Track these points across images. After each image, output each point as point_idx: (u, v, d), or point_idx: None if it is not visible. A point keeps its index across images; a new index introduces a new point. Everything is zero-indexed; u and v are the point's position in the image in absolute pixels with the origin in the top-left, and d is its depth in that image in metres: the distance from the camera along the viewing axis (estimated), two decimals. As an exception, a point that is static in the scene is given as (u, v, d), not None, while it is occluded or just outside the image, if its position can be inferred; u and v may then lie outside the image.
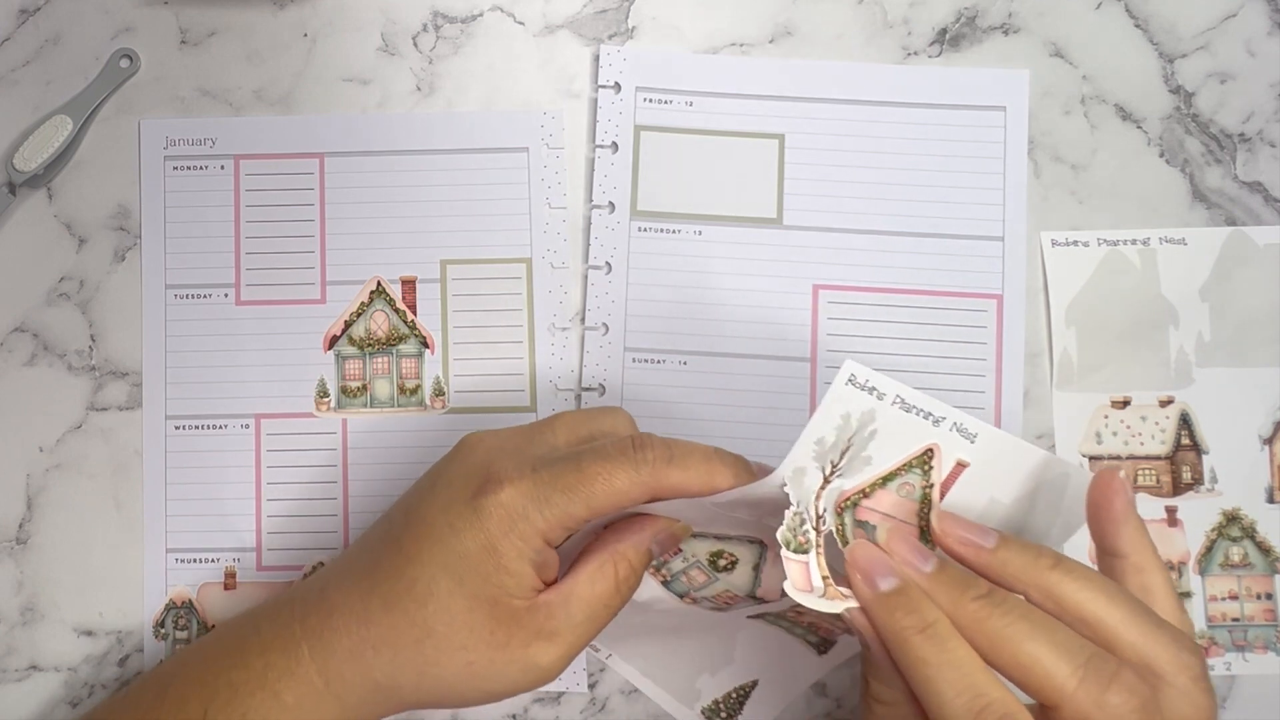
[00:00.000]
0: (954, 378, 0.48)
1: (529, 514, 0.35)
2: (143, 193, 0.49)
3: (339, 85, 0.50)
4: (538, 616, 0.36)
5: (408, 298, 0.49)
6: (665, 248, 0.49)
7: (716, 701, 0.46)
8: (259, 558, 0.48)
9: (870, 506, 0.35)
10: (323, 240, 0.49)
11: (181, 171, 0.49)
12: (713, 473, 0.36)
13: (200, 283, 0.49)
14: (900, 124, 0.49)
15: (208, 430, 0.48)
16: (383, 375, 0.48)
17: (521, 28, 0.50)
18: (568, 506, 0.35)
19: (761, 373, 0.48)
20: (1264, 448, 0.48)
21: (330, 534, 0.48)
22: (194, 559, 0.48)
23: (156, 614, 0.48)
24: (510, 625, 0.36)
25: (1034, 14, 0.50)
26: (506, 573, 0.35)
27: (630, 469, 0.35)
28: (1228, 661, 0.47)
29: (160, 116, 0.50)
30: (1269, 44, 0.50)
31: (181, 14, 0.50)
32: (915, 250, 0.49)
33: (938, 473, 0.35)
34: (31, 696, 0.47)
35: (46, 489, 0.48)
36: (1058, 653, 0.30)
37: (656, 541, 0.37)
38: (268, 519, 0.48)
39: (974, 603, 0.32)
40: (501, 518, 0.35)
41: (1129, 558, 0.34)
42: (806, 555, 0.35)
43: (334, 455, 0.48)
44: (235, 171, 0.49)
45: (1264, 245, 0.49)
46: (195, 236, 0.49)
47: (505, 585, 0.35)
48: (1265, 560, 0.48)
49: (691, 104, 0.49)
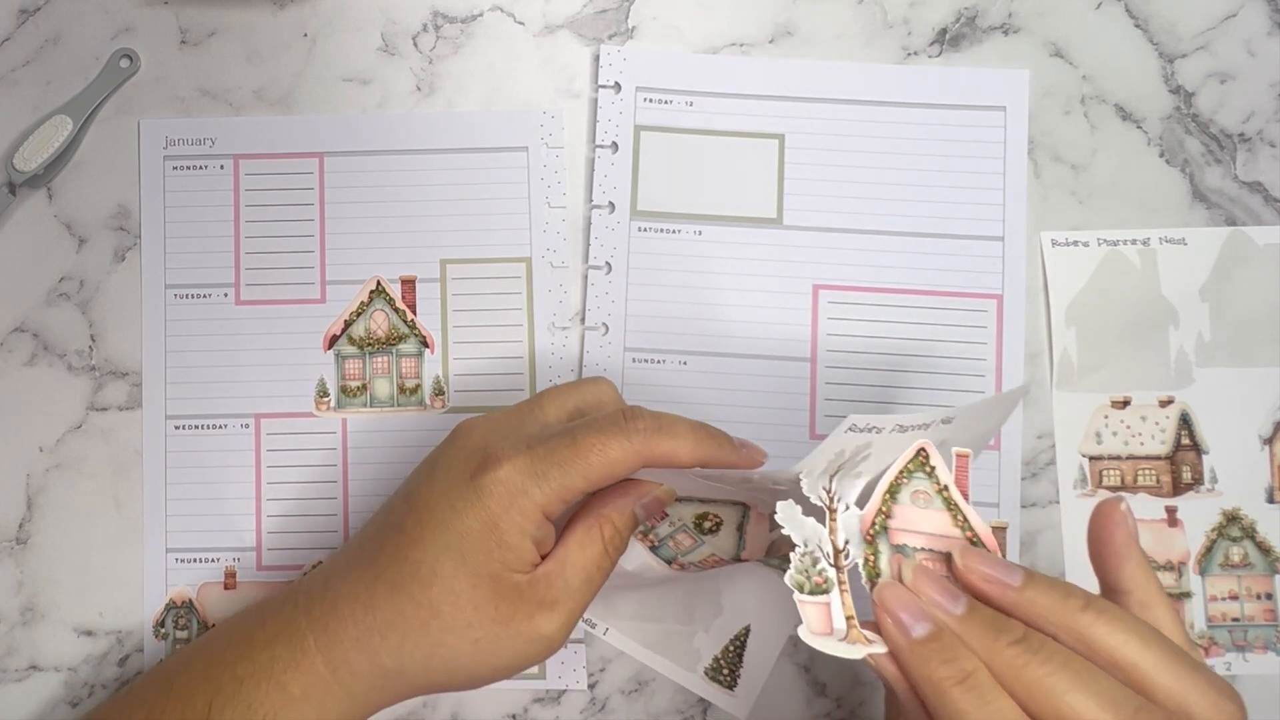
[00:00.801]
0: (954, 378, 0.48)
1: (528, 489, 0.36)
2: (142, 192, 0.49)
3: (339, 85, 0.50)
4: (538, 588, 0.37)
5: (407, 297, 0.49)
6: (665, 248, 0.49)
7: (717, 659, 0.46)
8: (259, 557, 0.48)
9: (899, 527, 0.34)
10: (322, 240, 0.49)
11: (181, 171, 0.49)
12: (699, 442, 0.37)
13: (200, 282, 0.49)
14: (900, 124, 0.49)
15: (208, 430, 0.48)
16: (383, 375, 0.48)
17: (521, 28, 0.50)
18: (565, 479, 0.36)
19: (761, 373, 0.48)
20: (1264, 448, 0.48)
21: (330, 533, 0.48)
22: (194, 559, 0.48)
23: (157, 614, 0.48)
24: (514, 600, 0.36)
25: (1034, 14, 0.50)
26: (508, 548, 0.36)
27: (623, 439, 0.36)
28: (1228, 661, 0.47)
29: (160, 116, 0.50)
30: (1269, 44, 0.50)
31: (181, 14, 0.50)
32: (915, 250, 0.49)
33: (944, 471, 0.34)
34: (31, 696, 0.47)
35: (46, 489, 0.48)
36: (1102, 705, 0.29)
37: (641, 505, 0.38)
38: (268, 519, 0.48)
39: (1010, 649, 0.30)
40: (502, 495, 0.36)
41: (1133, 594, 0.33)
42: (826, 595, 0.33)
43: (334, 455, 0.48)
44: (235, 171, 0.49)
45: (1264, 245, 0.49)
46: (195, 236, 0.49)
47: (507, 561, 0.36)
48: (1265, 560, 0.48)
49: (691, 104, 0.49)
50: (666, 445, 0.37)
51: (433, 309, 0.49)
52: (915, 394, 0.48)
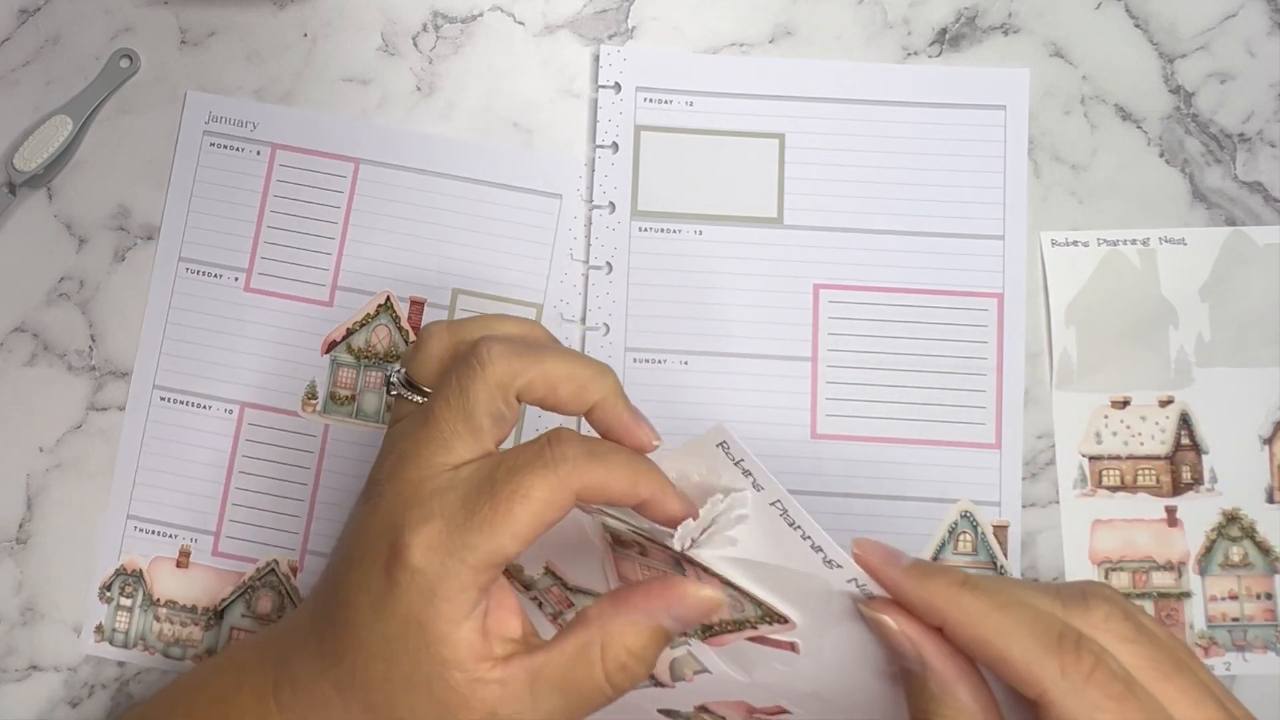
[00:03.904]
0: (954, 377, 0.48)
1: (449, 571, 0.30)
2: (176, 161, 0.49)
3: (339, 85, 0.50)
4: (489, 695, 0.30)
5: (413, 318, 0.49)
6: (666, 248, 0.49)
7: None
8: (216, 542, 0.48)
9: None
10: (342, 244, 0.49)
11: (218, 149, 0.49)
12: (638, 473, 0.31)
13: (214, 262, 0.49)
14: (900, 124, 0.49)
15: (191, 407, 0.48)
16: (374, 389, 0.48)
17: (521, 28, 0.50)
18: (490, 545, 0.30)
19: (762, 373, 0.48)
20: (1264, 448, 0.48)
21: (290, 534, 0.48)
22: (153, 530, 0.48)
23: (106, 576, 0.48)
24: (455, 707, 0.30)
25: (1034, 14, 0.50)
26: (441, 644, 0.30)
27: (546, 472, 0.30)
28: (1228, 661, 0.47)
29: (208, 91, 0.49)
30: (1269, 44, 0.50)
31: (181, 14, 0.50)
32: (915, 250, 0.49)
33: (766, 629, 0.31)
34: (31, 696, 0.47)
35: (46, 489, 0.48)
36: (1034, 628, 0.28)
37: (672, 615, 0.31)
38: (232, 506, 0.48)
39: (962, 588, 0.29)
40: (419, 588, 0.30)
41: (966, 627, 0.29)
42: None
43: (310, 458, 0.48)
44: (270, 159, 0.49)
45: (1264, 245, 0.49)
46: (218, 216, 0.49)
47: (442, 658, 0.30)
48: (1265, 560, 0.48)
49: (692, 104, 0.49)
50: (598, 474, 0.31)
51: None
52: (915, 394, 0.48)
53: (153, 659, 0.47)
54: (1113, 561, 0.48)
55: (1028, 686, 0.27)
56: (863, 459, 0.47)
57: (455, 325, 0.35)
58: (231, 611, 0.47)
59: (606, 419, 0.33)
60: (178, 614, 0.47)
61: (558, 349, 0.33)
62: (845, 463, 0.47)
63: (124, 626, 0.47)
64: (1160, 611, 0.47)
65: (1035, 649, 0.27)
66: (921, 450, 0.48)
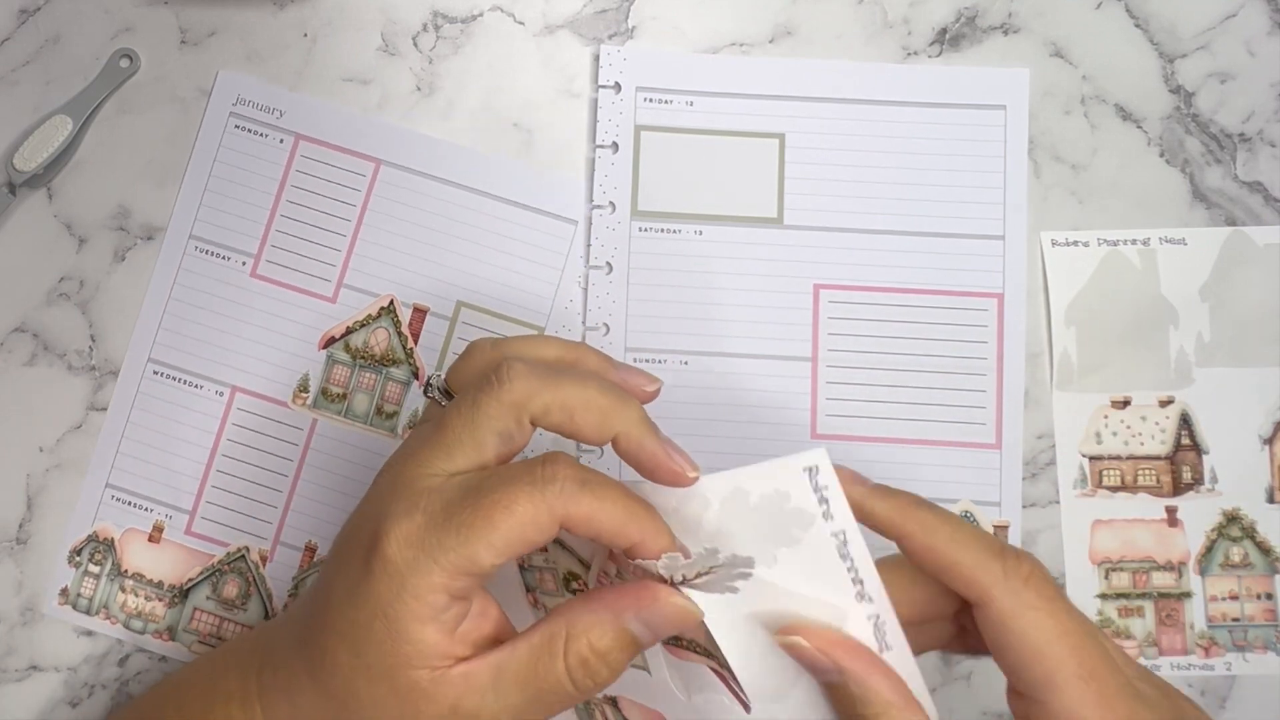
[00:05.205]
0: (954, 377, 0.48)
1: (420, 567, 0.30)
2: (198, 138, 0.49)
3: (339, 85, 0.50)
4: (451, 690, 0.31)
5: (414, 325, 0.49)
6: (666, 248, 0.49)
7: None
8: (191, 522, 0.48)
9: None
10: (353, 243, 0.49)
11: (242, 131, 0.49)
12: (631, 515, 0.31)
13: (223, 243, 0.49)
14: (900, 124, 0.49)
15: (183, 385, 0.48)
16: (365, 391, 0.48)
17: (521, 28, 0.50)
18: (465, 549, 0.30)
19: (762, 373, 0.48)
20: (1264, 448, 0.48)
21: (265, 523, 0.48)
22: (130, 502, 0.48)
23: (78, 541, 0.48)
24: (416, 700, 0.31)
25: (1034, 14, 0.50)
26: (404, 639, 0.30)
27: (533, 492, 0.30)
28: (1228, 661, 0.47)
29: (239, 73, 0.50)
30: (1269, 44, 0.50)
31: (181, 14, 0.50)
32: (915, 250, 0.49)
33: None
34: (32, 696, 0.47)
35: (46, 489, 0.48)
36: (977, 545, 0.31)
37: (641, 619, 0.31)
38: (211, 489, 0.48)
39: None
40: (391, 578, 0.30)
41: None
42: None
43: (294, 450, 0.48)
44: (293, 149, 0.49)
45: (1264, 245, 0.49)
46: (233, 199, 0.49)
47: (405, 654, 0.31)
48: (1265, 560, 0.48)
49: (692, 104, 0.49)
50: (588, 506, 0.30)
51: (434, 344, 0.48)
52: (915, 393, 0.48)
53: (113, 628, 0.47)
54: (1113, 561, 0.48)
55: (971, 587, 0.31)
56: (863, 459, 0.47)
57: (500, 342, 0.36)
58: (197, 593, 0.47)
59: (632, 450, 0.32)
60: (143, 587, 0.47)
61: (582, 376, 0.33)
62: (845, 463, 0.47)
63: (89, 593, 0.47)
64: (1160, 611, 0.47)
65: (982, 555, 0.31)
66: (922, 450, 0.48)
